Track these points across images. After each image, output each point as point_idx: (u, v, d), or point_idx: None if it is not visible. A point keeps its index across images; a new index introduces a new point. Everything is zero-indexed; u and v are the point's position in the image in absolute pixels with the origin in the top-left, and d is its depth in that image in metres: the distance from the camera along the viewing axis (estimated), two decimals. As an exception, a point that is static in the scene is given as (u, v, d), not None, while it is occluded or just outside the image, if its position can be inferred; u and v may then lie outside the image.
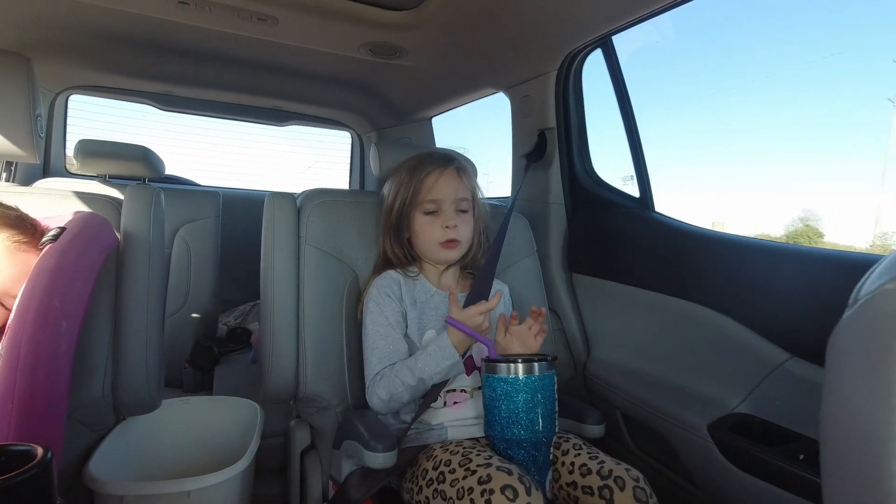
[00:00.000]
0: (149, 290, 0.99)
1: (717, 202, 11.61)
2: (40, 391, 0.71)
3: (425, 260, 1.07)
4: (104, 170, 1.72)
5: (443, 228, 1.01)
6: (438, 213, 1.02)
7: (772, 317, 0.92)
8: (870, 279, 0.29)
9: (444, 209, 1.02)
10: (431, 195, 1.02)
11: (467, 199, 1.04)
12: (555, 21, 1.15)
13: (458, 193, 1.03)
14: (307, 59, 1.59)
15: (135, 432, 1.10)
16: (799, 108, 7.72)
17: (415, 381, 0.90)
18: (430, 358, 0.91)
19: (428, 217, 1.03)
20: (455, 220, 1.01)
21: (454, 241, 1.02)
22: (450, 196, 1.02)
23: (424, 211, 1.03)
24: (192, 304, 1.74)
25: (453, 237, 1.01)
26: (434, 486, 0.81)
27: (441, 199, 1.02)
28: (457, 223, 1.02)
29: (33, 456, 0.49)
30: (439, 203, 1.02)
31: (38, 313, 0.74)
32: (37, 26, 1.40)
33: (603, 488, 0.80)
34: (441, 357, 0.90)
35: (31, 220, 0.89)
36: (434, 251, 1.03)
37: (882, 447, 0.23)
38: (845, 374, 0.28)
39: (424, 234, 1.03)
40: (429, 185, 1.02)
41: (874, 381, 0.24)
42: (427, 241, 1.03)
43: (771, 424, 0.88)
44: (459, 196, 1.03)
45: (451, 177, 1.03)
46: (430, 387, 0.93)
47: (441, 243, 1.02)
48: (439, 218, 1.02)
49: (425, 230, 1.03)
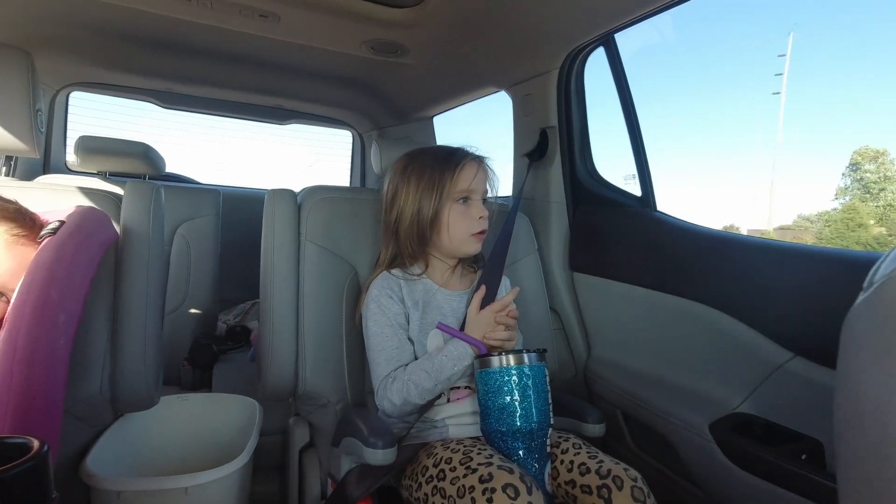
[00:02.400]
0: (148, 286, 0.99)
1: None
2: (37, 385, 0.71)
3: (441, 255, 1.05)
4: (104, 166, 1.71)
5: (477, 219, 1.00)
6: (472, 205, 1.01)
7: (774, 316, 0.92)
8: (884, 263, 0.28)
9: (474, 199, 1.02)
10: (465, 185, 1.00)
11: (488, 193, 1.05)
12: (557, 19, 1.15)
13: (484, 185, 1.03)
14: (309, 56, 1.59)
15: (133, 429, 1.10)
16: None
17: (431, 383, 0.89)
18: (445, 359, 0.90)
19: (462, 207, 1.01)
20: (484, 211, 1.02)
21: (484, 233, 1.02)
22: (479, 186, 1.02)
23: (457, 199, 1.01)
24: (192, 302, 1.74)
25: (485, 228, 1.01)
26: (434, 483, 0.80)
27: (474, 189, 1.01)
28: (484, 215, 1.02)
29: (29, 449, 0.48)
30: (472, 193, 1.01)
31: (36, 306, 0.73)
32: (38, 22, 1.40)
33: (601, 487, 0.80)
34: (458, 358, 0.90)
35: (30, 213, 0.89)
36: (465, 243, 1.01)
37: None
38: (860, 356, 0.27)
39: (458, 224, 1.00)
40: (466, 175, 1.00)
41: (890, 364, 0.24)
42: (460, 231, 1.00)
43: (773, 424, 0.88)
44: (484, 188, 1.04)
45: (483, 169, 1.04)
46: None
47: (474, 234, 1.01)
48: (472, 209, 1.01)
49: (459, 221, 1.00)
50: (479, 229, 1.01)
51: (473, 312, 0.95)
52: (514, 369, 0.85)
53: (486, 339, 0.91)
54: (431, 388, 0.90)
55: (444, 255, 1.05)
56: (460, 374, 0.91)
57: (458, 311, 1.02)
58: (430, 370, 0.90)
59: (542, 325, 1.24)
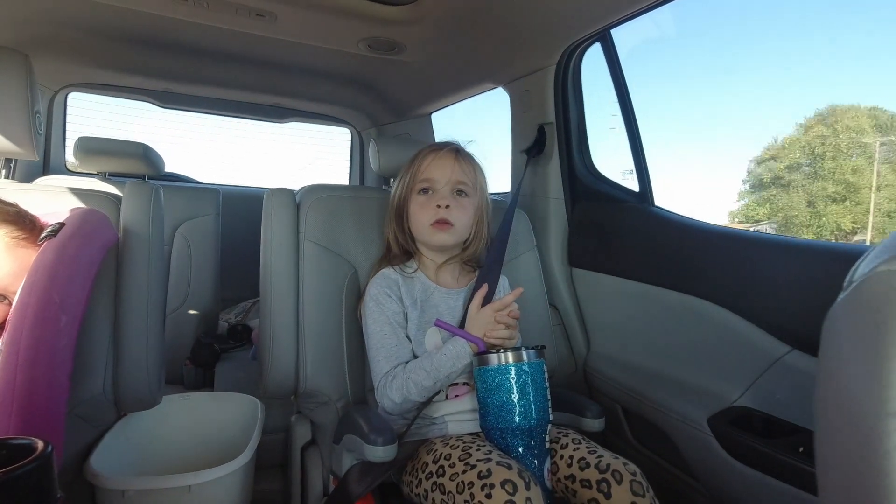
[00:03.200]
0: (149, 287, 0.99)
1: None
2: (40, 386, 0.71)
3: (424, 250, 1.06)
4: (104, 167, 1.72)
5: (434, 208, 0.99)
6: (432, 194, 1.01)
7: (772, 310, 0.92)
8: (864, 262, 0.29)
9: (437, 189, 1.00)
10: (426, 174, 1.01)
11: (465, 183, 1.02)
12: (553, 15, 1.15)
13: (454, 174, 1.00)
14: (306, 55, 1.59)
15: (136, 428, 1.10)
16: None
17: (431, 381, 0.90)
18: (444, 358, 0.90)
19: (422, 197, 1.01)
20: (449, 201, 0.99)
21: (445, 223, 0.99)
22: (444, 176, 1.00)
23: (419, 190, 1.01)
24: (193, 302, 1.74)
25: (444, 217, 0.99)
26: (433, 479, 0.81)
27: (435, 179, 1.00)
28: (451, 204, 0.99)
29: (34, 449, 0.49)
30: (433, 182, 1.00)
31: (38, 309, 0.74)
32: (36, 23, 1.40)
33: (601, 482, 0.80)
34: (456, 356, 0.90)
35: (31, 216, 0.89)
36: (426, 233, 1.01)
37: (875, 425, 0.24)
38: (840, 355, 0.28)
39: (417, 214, 1.01)
40: (425, 165, 1.01)
41: (868, 360, 0.24)
42: (420, 221, 1.01)
43: (771, 417, 0.88)
44: (455, 178, 1.01)
45: (447, 157, 1.01)
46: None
47: (432, 224, 0.99)
48: (433, 198, 1.00)
49: (418, 211, 1.01)
50: (435, 219, 0.99)
51: (474, 310, 0.95)
52: (512, 367, 0.85)
53: (486, 337, 0.91)
54: (431, 387, 0.90)
55: (428, 250, 1.06)
56: (459, 372, 0.91)
57: (454, 309, 1.03)
58: (430, 369, 0.90)
59: (541, 321, 1.24)
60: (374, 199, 1.18)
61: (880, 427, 0.24)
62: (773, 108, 50.94)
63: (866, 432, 0.24)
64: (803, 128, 19.58)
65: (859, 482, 0.25)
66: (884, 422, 0.24)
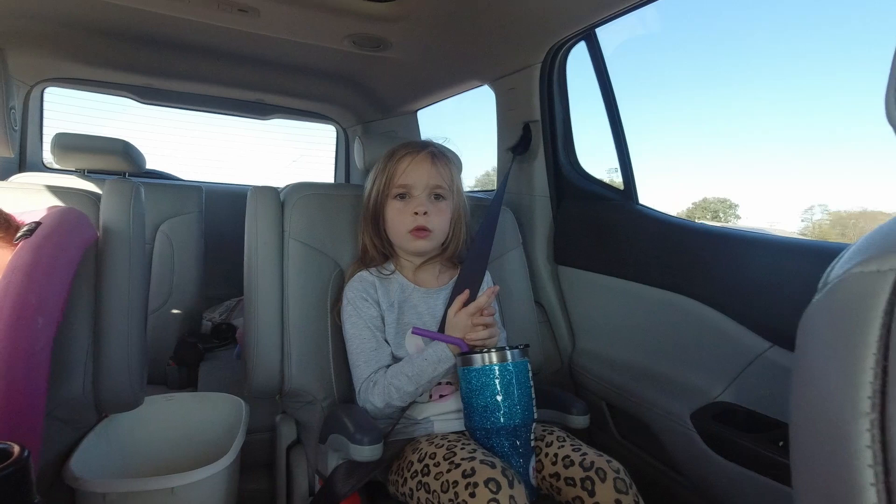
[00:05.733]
0: (129, 286, 0.98)
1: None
2: (17, 389, 0.70)
3: (400, 253, 1.05)
4: (82, 164, 1.68)
5: (412, 215, 0.98)
6: (409, 200, 0.99)
7: (753, 306, 0.93)
8: (838, 264, 0.29)
9: (415, 195, 0.99)
10: (402, 180, 0.99)
11: (443, 187, 1.00)
12: (539, 12, 1.15)
13: (431, 179, 0.99)
14: (290, 51, 1.57)
15: (117, 430, 1.09)
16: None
17: (413, 387, 0.90)
18: (426, 363, 0.90)
19: (399, 203, 1.00)
20: (426, 207, 0.98)
21: (424, 230, 0.98)
22: (421, 181, 0.99)
23: (395, 195, 1.00)
24: (176, 301, 1.72)
25: (423, 224, 0.98)
26: (418, 478, 0.81)
27: (412, 185, 0.99)
28: (428, 210, 0.98)
29: (9, 454, 0.48)
30: (410, 188, 0.99)
31: (14, 310, 0.72)
32: (10, 16, 1.37)
33: (585, 479, 0.81)
34: (437, 360, 0.90)
35: (5, 214, 0.87)
36: (404, 240, 1.00)
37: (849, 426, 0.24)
38: (814, 356, 0.28)
39: (394, 220, 1.00)
40: (401, 169, 0.99)
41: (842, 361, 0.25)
42: (397, 228, 1.00)
43: (752, 412, 0.90)
44: (433, 183, 0.99)
45: (423, 161, 0.99)
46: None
47: (411, 231, 0.98)
48: (410, 204, 0.99)
49: (395, 217, 1.00)
50: (413, 226, 0.98)
51: (452, 314, 0.94)
52: (496, 367, 0.85)
53: (467, 339, 0.91)
54: (413, 392, 0.90)
55: (405, 253, 1.05)
56: (442, 375, 0.91)
57: (434, 309, 1.02)
58: (411, 374, 0.90)
59: (527, 319, 1.25)
60: (359, 196, 1.17)
61: (852, 426, 0.24)
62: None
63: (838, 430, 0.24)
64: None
65: (831, 478, 0.26)
66: (856, 421, 0.24)
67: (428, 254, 1.04)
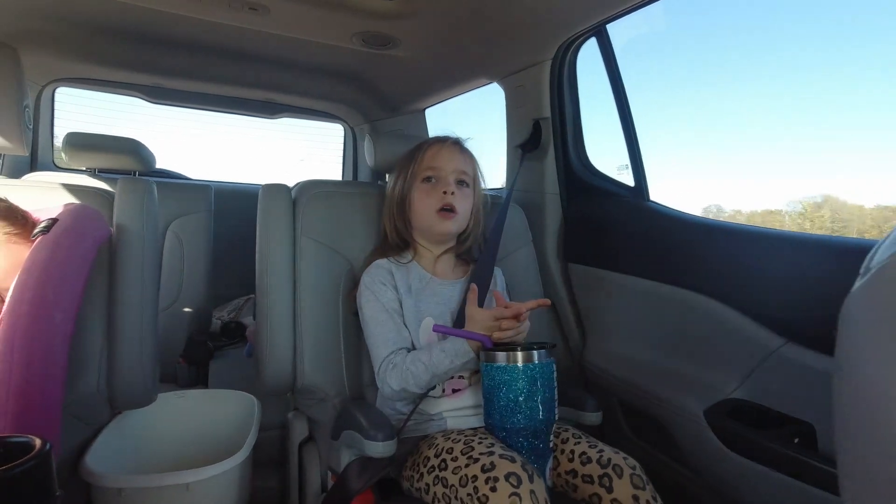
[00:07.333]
0: (143, 284, 0.98)
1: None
2: (36, 384, 0.70)
3: (422, 241, 1.07)
4: (93, 163, 1.69)
5: (440, 195, 1.01)
6: (437, 182, 1.03)
7: (767, 303, 0.93)
8: (881, 249, 0.29)
9: (442, 177, 1.03)
10: (431, 163, 1.03)
11: (468, 174, 1.05)
12: (549, 9, 1.15)
13: (458, 165, 1.04)
14: (299, 49, 1.57)
15: (131, 426, 1.09)
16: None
17: (428, 376, 0.90)
18: (443, 354, 0.90)
19: (426, 185, 1.03)
20: (453, 188, 1.02)
21: (451, 210, 1.01)
22: (449, 165, 1.03)
23: (423, 178, 1.03)
24: (185, 299, 1.73)
25: (450, 203, 1.01)
26: (435, 472, 0.81)
27: (440, 167, 1.03)
28: (455, 192, 1.02)
29: (31, 447, 0.49)
30: (437, 171, 1.03)
31: (32, 306, 0.73)
32: (24, 17, 1.38)
33: (602, 476, 0.81)
34: (455, 354, 0.89)
35: (22, 211, 0.88)
36: (431, 220, 1.02)
37: None
38: (859, 341, 0.28)
39: (422, 202, 1.03)
40: (430, 155, 1.04)
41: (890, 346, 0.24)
42: (425, 209, 1.02)
43: (766, 409, 0.89)
44: (460, 168, 1.04)
45: (451, 148, 1.05)
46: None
47: (438, 211, 1.01)
48: (438, 185, 1.02)
49: (423, 199, 1.03)
50: (440, 205, 1.01)
51: (473, 310, 0.93)
52: (521, 367, 0.83)
53: (494, 338, 0.89)
54: (428, 381, 0.90)
55: (426, 241, 1.06)
56: (457, 369, 0.91)
57: (451, 299, 1.03)
58: (428, 363, 0.90)
59: (537, 316, 1.24)
60: (370, 194, 1.17)
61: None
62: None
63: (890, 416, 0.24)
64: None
65: (884, 460, 0.25)
66: None
67: (448, 241, 1.07)
